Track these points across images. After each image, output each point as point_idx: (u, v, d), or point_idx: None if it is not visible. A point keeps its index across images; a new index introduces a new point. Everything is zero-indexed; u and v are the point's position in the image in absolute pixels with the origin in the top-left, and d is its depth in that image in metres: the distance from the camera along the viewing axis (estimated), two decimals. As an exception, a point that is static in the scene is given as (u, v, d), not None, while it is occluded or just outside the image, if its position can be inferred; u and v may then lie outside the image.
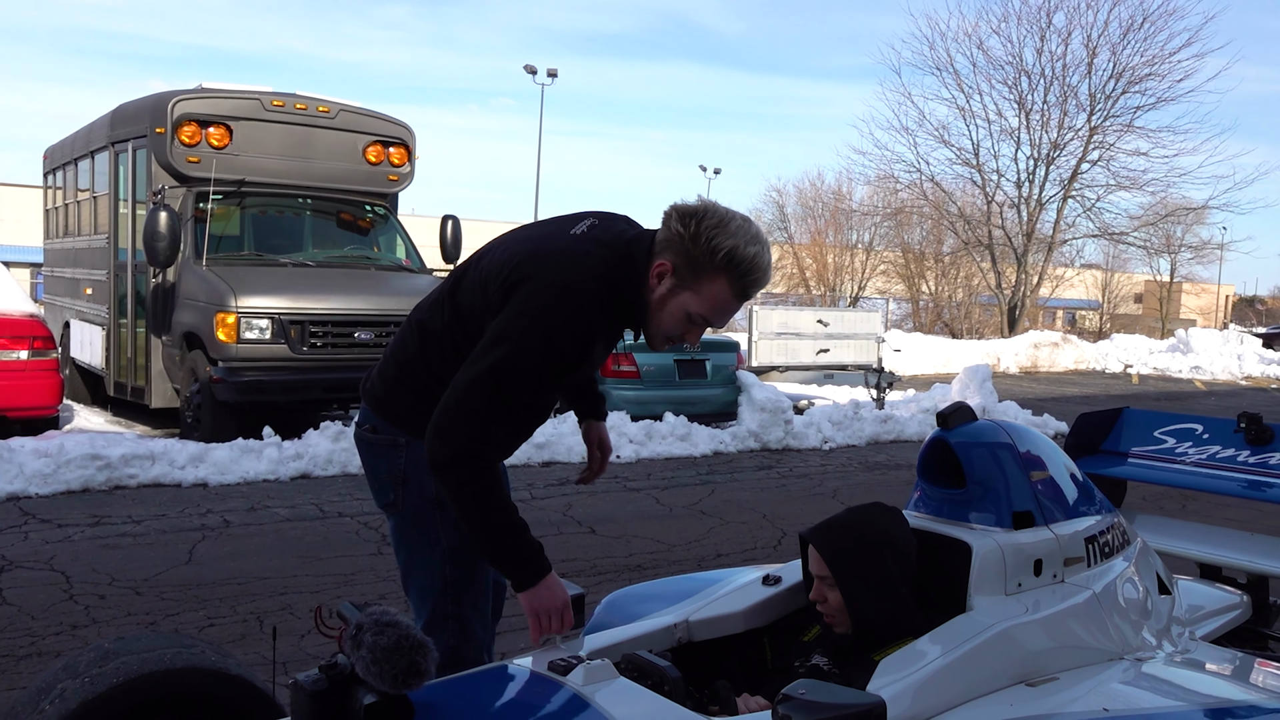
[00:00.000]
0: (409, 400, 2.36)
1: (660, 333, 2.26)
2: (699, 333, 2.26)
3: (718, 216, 2.15)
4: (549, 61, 45.92)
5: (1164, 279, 47.78)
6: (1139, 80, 26.44)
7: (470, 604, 2.47)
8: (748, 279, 2.17)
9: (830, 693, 1.84)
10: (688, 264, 2.15)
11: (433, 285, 9.70)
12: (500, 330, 2.14)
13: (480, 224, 46.54)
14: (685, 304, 2.19)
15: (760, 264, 2.17)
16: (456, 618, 2.42)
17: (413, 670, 1.63)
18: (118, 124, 10.01)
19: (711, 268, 2.14)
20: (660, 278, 2.19)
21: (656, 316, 2.23)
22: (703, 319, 2.21)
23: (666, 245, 2.18)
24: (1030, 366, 21.58)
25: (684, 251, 2.15)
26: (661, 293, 2.19)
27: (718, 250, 2.12)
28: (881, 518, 2.48)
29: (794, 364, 12.35)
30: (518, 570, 2.16)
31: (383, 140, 10.25)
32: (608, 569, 5.58)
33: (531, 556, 2.16)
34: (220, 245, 9.29)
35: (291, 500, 6.98)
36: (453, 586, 2.41)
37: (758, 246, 2.16)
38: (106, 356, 10.32)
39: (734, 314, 2.29)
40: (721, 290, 2.17)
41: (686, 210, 2.17)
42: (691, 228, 2.13)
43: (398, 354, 2.42)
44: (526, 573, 2.16)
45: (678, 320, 2.22)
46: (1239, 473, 3.72)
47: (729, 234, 2.13)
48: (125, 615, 4.58)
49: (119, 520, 6.27)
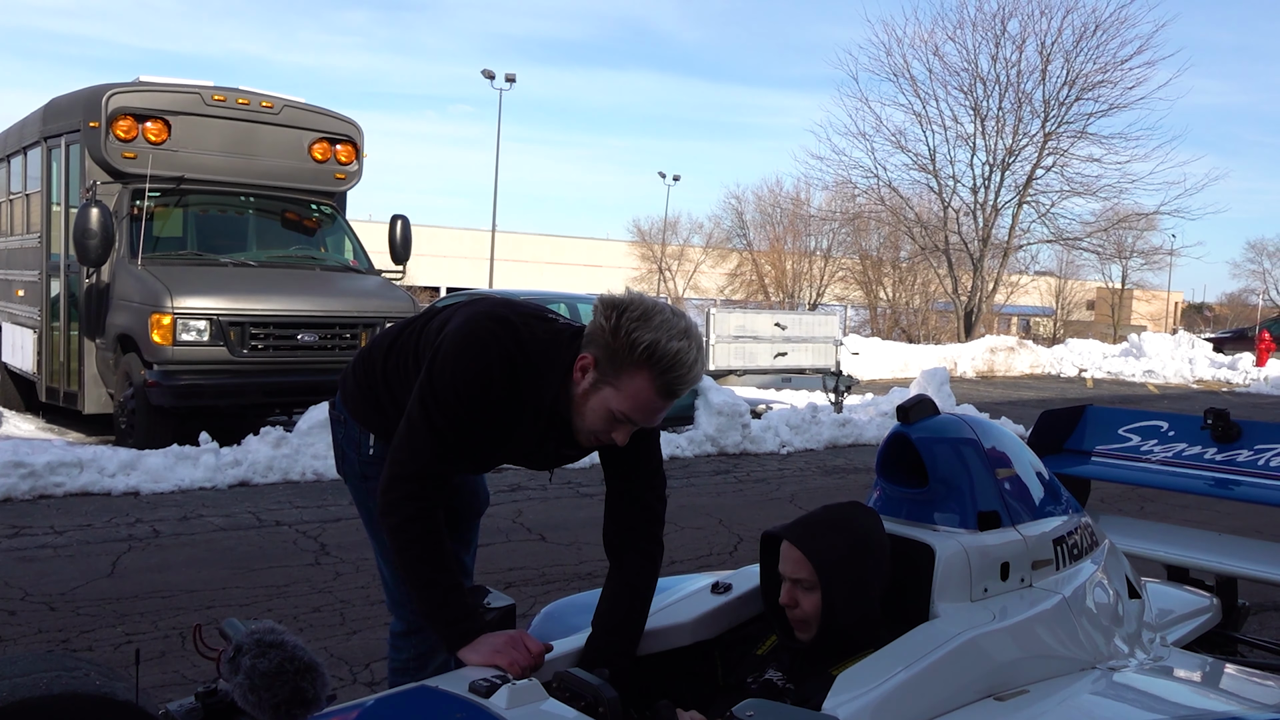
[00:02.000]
0: (354, 387, 2.49)
1: (584, 429, 2.15)
2: (626, 431, 2.12)
3: (641, 309, 2.03)
4: (508, 68, 45.47)
5: (1116, 286, 48.51)
6: (1092, 87, 26.79)
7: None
8: (670, 375, 2.02)
9: (780, 714, 1.65)
10: (609, 358, 2.04)
11: (381, 286, 9.58)
12: (424, 370, 2.18)
13: (439, 230, 46.17)
14: (607, 401, 2.07)
15: (684, 360, 2.02)
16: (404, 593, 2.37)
17: (297, 698, 1.41)
18: (50, 119, 9.62)
19: (632, 363, 2.01)
20: (583, 371, 2.09)
21: (580, 412, 2.12)
22: (625, 417, 2.07)
23: (591, 338, 2.08)
24: (987, 371, 21.66)
25: (605, 345, 2.04)
26: (584, 387, 2.09)
27: (638, 344, 2.00)
28: (863, 517, 2.31)
29: (752, 367, 12.20)
30: (444, 628, 2.10)
31: (329, 137, 9.95)
32: (557, 577, 5.36)
33: (458, 617, 2.09)
34: (158, 244, 8.93)
35: (228, 509, 6.67)
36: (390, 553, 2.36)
37: (683, 341, 2.02)
38: (38, 361, 9.91)
39: (661, 413, 2.12)
40: (644, 388, 2.03)
41: (611, 301, 2.07)
42: (613, 320, 2.02)
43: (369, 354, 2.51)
44: (453, 633, 2.09)
45: (600, 418, 2.09)
46: (1206, 471, 3.59)
47: (651, 328, 2.01)
48: (36, 633, 4.28)
49: (40, 531, 5.94)
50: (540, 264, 47.47)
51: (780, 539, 2.28)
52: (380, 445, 2.41)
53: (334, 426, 2.56)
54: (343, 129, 10.06)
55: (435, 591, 2.09)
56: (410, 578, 2.12)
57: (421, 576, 2.10)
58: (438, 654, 2.42)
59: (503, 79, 35.26)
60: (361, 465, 2.48)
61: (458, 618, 2.08)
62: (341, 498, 6.81)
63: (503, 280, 38.97)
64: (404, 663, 2.51)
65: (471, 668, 2.02)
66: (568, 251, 51.01)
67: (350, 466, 2.52)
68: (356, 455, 2.49)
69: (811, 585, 2.19)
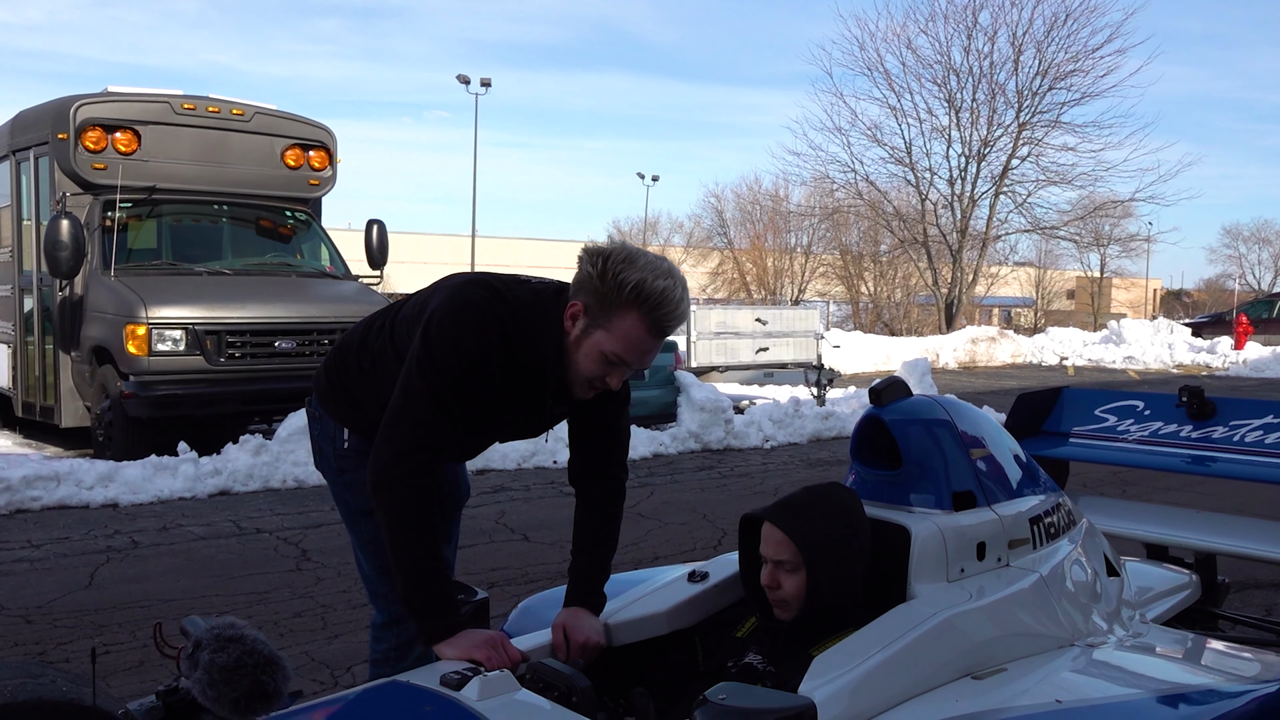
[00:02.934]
0: (327, 384, 2.53)
1: (579, 377, 2.21)
2: (620, 374, 2.20)
3: (626, 253, 2.14)
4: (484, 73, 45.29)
5: (1094, 274, 48.77)
6: (1064, 76, 26.92)
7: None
8: (659, 312, 2.12)
9: (754, 696, 1.64)
10: (598, 302, 2.12)
11: (358, 292, 9.51)
12: (418, 340, 2.20)
13: (420, 237, 46.03)
14: (599, 343, 2.14)
15: (671, 297, 2.12)
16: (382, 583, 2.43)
17: (257, 692, 1.39)
18: (17, 132, 9.52)
19: (621, 303, 2.10)
20: (574, 320, 2.17)
21: (574, 360, 2.20)
22: (618, 357, 2.15)
23: (579, 287, 2.17)
24: (969, 361, 21.74)
25: (594, 290, 2.12)
26: (576, 334, 2.17)
27: (625, 284, 2.08)
28: (844, 497, 2.31)
29: (734, 363, 12.20)
30: (426, 620, 2.09)
31: (302, 143, 9.88)
32: (540, 576, 5.33)
33: (442, 610, 2.09)
34: (131, 255, 8.85)
35: (208, 518, 6.61)
36: (370, 544, 2.42)
37: (668, 280, 2.12)
38: (14, 376, 9.80)
39: (653, 353, 2.20)
40: (634, 326, 2.11)
41: (595, 250, 2.17)
42: (599, 265, 2.12)
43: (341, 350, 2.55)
44: (434, 625, 2.08)
45: (594, 361, 2.17)
46: (1182, 448, 3.60)
47: (637, 268, 2.10)
48: (11, 646, 4.22)
49: (16, 545, 5.87)
50: (522, 268, 46.98)
51: (761, 521, 2.27)
52: (355, 439, 2.45)
53: (310, 423, 2.60)
54: (315, 135, 10.00)
55: (424, 579, 2.10)
56: (400, 561, 2.11)
57: (412, 561, 2.10)
58: (417, 644, 2.40)
59: (478, 84, 35.15)
60: (337, 460, 2.50)
61: (441, 610, 2.08)
62: (323, 504, 6.76)
63: (484, 285, 38.76)
64: (384, 653, 2.52)
65: (445, 661, 2.00)
66: (549, 254, 50.90)
67: (326, 461, 2.55)
68: (332, 450, 2.51)
69: (794, 566, 2.18)
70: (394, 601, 2.35)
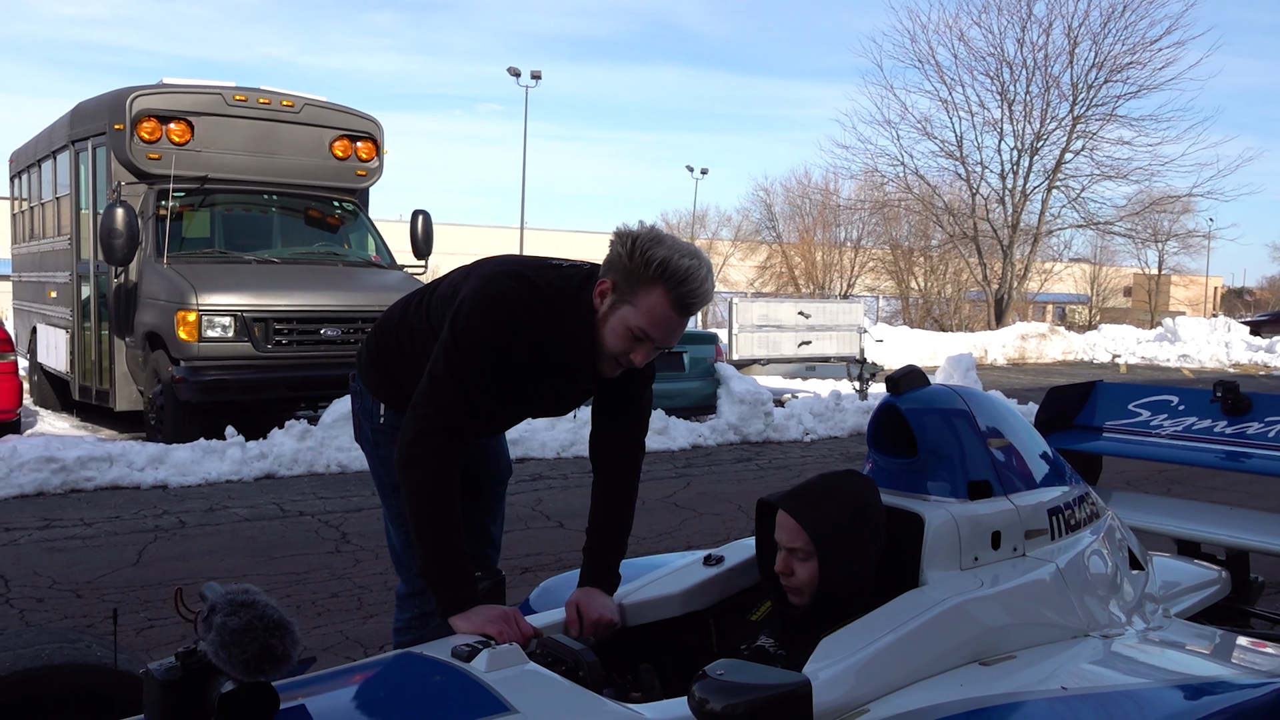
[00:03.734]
0: (368, 359, 2.65)
1: (606, 353, 2.27)
2: (645, 351, 2.26)
3: (654, 234, 2.22)
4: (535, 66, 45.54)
5: (1152, 272, 47.79)
6: (1121, 69, 26.40)
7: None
8: (683, 288, 2.18)
9: (752, 673, 1.66)
10: (625, 278, 2.20)
11: (403, 281, 9.63)
12: (446, 328, 2.28)
13: (469, 229, 46.44)
14: (625, 318, 2.21)
15: (696, 274, 2.18)
16: (409, 555, 2.49)
17: (266, 655, 1.44)
18: (77, 122, 9.79)
19: (647, 279, 2.17)
20: (602, 296, 2.24)
21: (601, 336, 2.26)
22: (643, 332, 2.21)
23: (608, 266, 2.25)
24: (1018, 358, 21.45)
25: (621, 268, 2.20)
26: (603, 311, 2.24)
27: (652, 260, 2.16)
28: (859, 484, 2.33)
29: (775, 357, 12.17)
30: (443, 593, 2.16)
31: (350, 135, 10.04)
32: (573, 563, 5.32)
33: (458, 584, 2.16)
34: (183, 243, 9.06)
35: (252, 500, 6.78)
36: (400, 517, 2.48)
37: (694, 260, 2.19)
38: (71, 360, 10.10)
39: (678, 330, 2.27)
40: (659, 301, 2.18)
41: (625, 231, 2.24)
42: (628, 244, 2.20)
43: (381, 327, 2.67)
44: (450, 598, 2.15)
45: (620, 336, 2.23)
46: (1216, 444, 3.56)
47: (664, 247, 2.17)
48: (61, 618, 4.38)
49: (70, 523, 6.07)
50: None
51: (776, 507, 2.30)
52: (390, 414, 2.55)
53: (352, 398, 2.73)
54: (363, 126, 10.15)
55: (441, 554, 2.17)
56: (420, 535, 2.19)
57: (431, 536, 2.17)
58: (436, 615, 2.48)
59: (528, 76, 35.32)
60: (373, 434, 2.62)
61: (456, 583, 2.15)
62: (364, 488, 6.89)
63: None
64: (406, 622, 2.62)
65: (458, 635, 2.06)
66: (597, 247, 50.90)
67: (364, 435, 2.67)
68: (369, 424, 2.63)
69: (807, 555, 2.20)
70: (417, 574, 2.42)
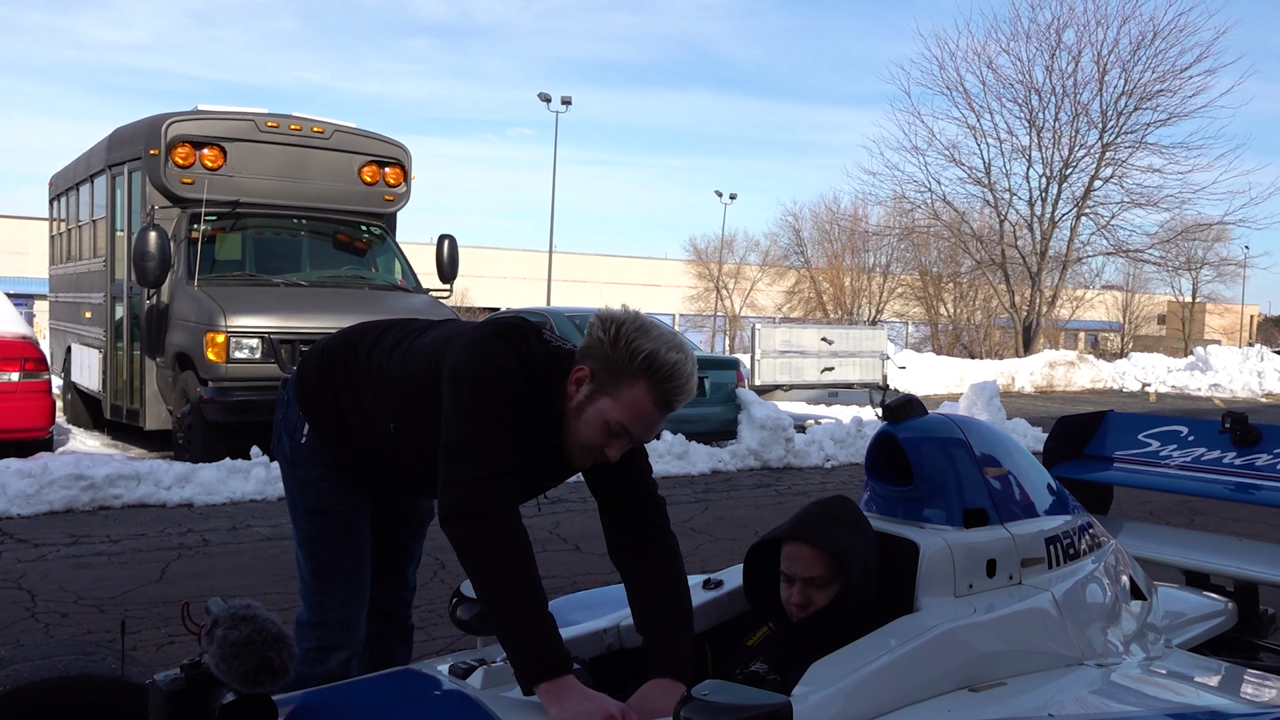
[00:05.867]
0: (316, 374, 2.49)
1: (578, 443, 2.12)
2: (620, 445, 2.11)
3: (639, 322, 2.09)
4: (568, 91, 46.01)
5: (1186, 299, 47.33)
6: (1151, 96, 26.31)
7: (327, 568, 2.46)
8: (668, 385, 2.06)
9: (736, 694, 1.72)
10: (607, 368, 2.06)
11: (428, 305, 9.77)
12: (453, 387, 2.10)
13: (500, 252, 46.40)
14: (604, 411, 2.07)
15: (682, 371, 2.07)
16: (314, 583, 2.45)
17: (264, 667, 1.51)
18: (114, 147, 10.04)
19: (631, 372, 2.04)
20: (579, 384, 2.09)
21: (574, 426, 2.11)
22: (622, 428, 2.07)
23: (587, 352, 2.10)
24: (1045, 386, 21.30)
25: (603, 356, 2.06)
26: (579, 399, 2.09)
27: (638, 353, 2.03)
28: (851, 507, 2.38)
29: (798, 382, 12.18)
30: (528, 658, 1.86)
31: (378, 160, 10.22)
32: (588, 585, 5.42)
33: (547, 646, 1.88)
34: (214, 266, 9.25)
35: (275, 520, 6.88)
36: (309, 543, 2.46)
37: (680, 354, 2.07)
38: (103, 379, 10.30)
39: (657, 426, 2.14)
40: (641, 396, 2.05)
41: (608, 316, 2.10)
42: (612, 332, 2.06)
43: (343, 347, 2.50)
44: (539, 664, 1.85)
45: (596, 429, 2.08)
46: (1225, 475, 3.55)
47: (650, 338, 2.05)
48: (85, 633, 4.48)
49: (97, 540, 6.19)
50: (598, 284, 47.79)
51: (778, 544, 2.35)
52: (313, 437, 2.43)
53: (278, 406, 2.56)
54: (391, 152, 10.33)
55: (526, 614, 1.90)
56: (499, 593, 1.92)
57: (512, 593, 1.91)
58: (340, 651, 2.42)
59: (559, 101, 35.71)
60: (292, 451, 2.48)
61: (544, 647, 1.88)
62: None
63: (561, 300, 39.33)
64: (304, 652, 2.35)
65: (454, 653, 2.11)
66: (625, 271, 51.29)
67: (281, 448, 2.53)
68: (289, 439, 2.49)
69: (826, 580, 2.24)
70: (323, 603, 2.42)
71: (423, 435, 2.18)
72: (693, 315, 45.89)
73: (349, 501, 2.47)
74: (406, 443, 2.30)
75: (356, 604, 2.48)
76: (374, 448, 2.38)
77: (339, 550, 2.46)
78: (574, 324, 11.10)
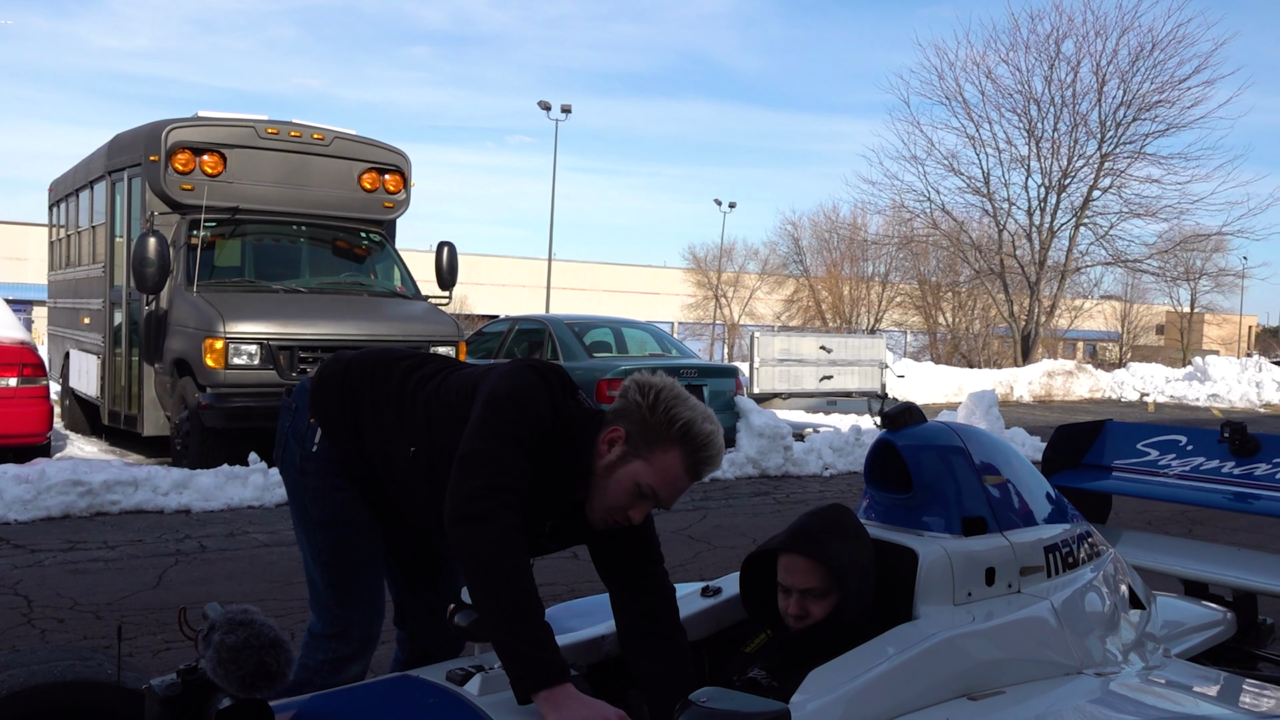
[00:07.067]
0: (339, 387, 2.43)
1: (603, 504, 2.13)
2: (644, 508, 2.14)
3: (676, 391, 2.13)
4: (568, 99, 46.09)
5: (1184, 309, 47.39)
6: (1149, 107, 26.37)
7: (346, 580, 2.43)
8: (701, 454, 2.11)
9: (734, 700, 1.71)
10: (642, 432, 2.09)
11: (427, 311, 9.78)
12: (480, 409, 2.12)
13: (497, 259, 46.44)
14: (636, 473, 2.09)
15: (714, 443, 2.13)
16: (332, 595, 2.42)
17: (261, 672, 1.51)
18: (114, 153, 10.04)
19: (667, 438, 2.08)
20: (611, 444, 2.11)
21: (602, 486, 2.12)
22: (652, 491, 2.10)
23: (621, 414, 2.14)
24: (1044, 395, 21.30)
25: (640, 420, 2.10)
26: (610, 459, 2.11)
27: (675, 420, 2.08)
28: (847, 515, 2.38)
29: (797, 390, 12.18)
30: (525, 665, 1.86)
31: (378, 167, 10.22)
32: (586, 593, 5.40)
33: (543, 654, 1.88)
34: (213, 272, 9.25)
35: (273, 526, 6.87)
36: (324, 554, 2.42)
37: (713, 426, 2.13)
38: (101, 385, 10.29)
39: (682, 494, 2.19)
40: (674, 463, 2.09)
41: (646, 382, 2.15)
42: (650, 397, 2.11)
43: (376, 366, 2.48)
44: (536, 671, 1.85)
45: (625, 490, 2.10)
46: (1224, 484, 3.55)
47: (687, 408, 2.11)
48: (81, 639, 4.47)
49: (93, 546, 6.18)
50: (597, 292, 47.85)
51: (774, 555, 2.34)
52: (325, 444, 2.39)
53: (282, 414, 2.51)
54: (391, 159, 10.34)
55: (521, 621, 1.90)
56: (495, 600, 1.92)
57: (508, 600, 1.91)
58: (358, 662, 2.43)
59: (558, 110, 35.76)
60: (303, 460, 2.42)
61: (541, 654, 1.88)
62: (382, 516, 6.96)
63: (560, 308, 39.38)
64: (318, 664, 2.40)
65: (452, 660, 2.11)
66: (624, 279, 51.34)
67: (290, 459, 2.45)
68: (299, 448, 2.42)
69: (824, 591, 2.24)
70: (337, 613, 2.40)
71: (440, 463, 2.19)
72: (691, 323, 45.90)
73: (363, 511, 2.44)
74: (419, 466, 2.28)
75: (376, 615, 2.49)
76: (384, 466, 2.36)
77: (357, 560, 2.45)
78: (573, 331, 11.10)
